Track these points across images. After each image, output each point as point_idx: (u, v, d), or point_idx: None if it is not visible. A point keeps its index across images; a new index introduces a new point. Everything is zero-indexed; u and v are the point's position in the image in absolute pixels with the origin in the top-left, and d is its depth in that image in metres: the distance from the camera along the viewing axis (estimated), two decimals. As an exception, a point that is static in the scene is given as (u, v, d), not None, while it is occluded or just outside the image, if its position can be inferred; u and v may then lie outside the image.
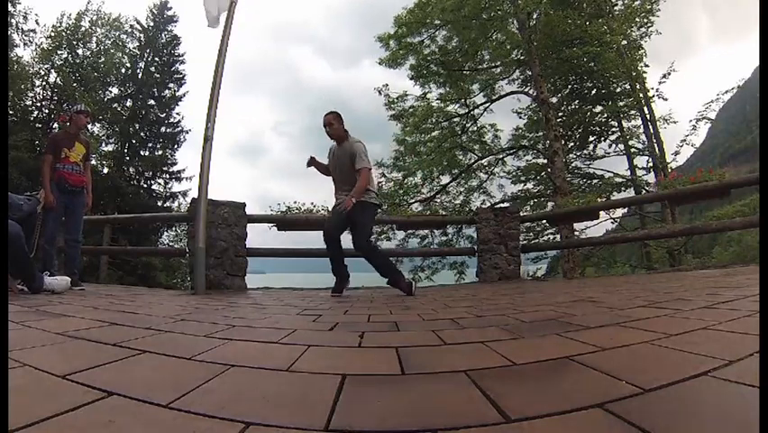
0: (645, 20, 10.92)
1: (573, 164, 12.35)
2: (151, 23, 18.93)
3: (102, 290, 3.51)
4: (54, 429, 0.55)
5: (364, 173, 3.16)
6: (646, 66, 11.41)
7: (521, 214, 5.90)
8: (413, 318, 1.73)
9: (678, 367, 0.80)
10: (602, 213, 7.27)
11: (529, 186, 12.71)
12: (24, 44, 15.37)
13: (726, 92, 10.44)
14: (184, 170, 17.73)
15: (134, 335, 1.25)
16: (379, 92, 12.38)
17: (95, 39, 17.15)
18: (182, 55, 19.08)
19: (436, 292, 3.56)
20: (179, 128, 18.25)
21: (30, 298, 2.48)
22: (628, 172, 11.70)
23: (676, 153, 10.69)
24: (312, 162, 3.47)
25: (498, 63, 12.20)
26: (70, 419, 0.58)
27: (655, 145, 11.30)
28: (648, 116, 11.47)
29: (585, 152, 12.47)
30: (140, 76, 18.05)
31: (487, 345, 1.08)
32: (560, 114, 12.34)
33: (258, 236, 4.85)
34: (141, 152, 17.74)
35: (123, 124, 17.09)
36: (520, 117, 13.04)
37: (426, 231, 10.14)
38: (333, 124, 3.25)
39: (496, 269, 4.97)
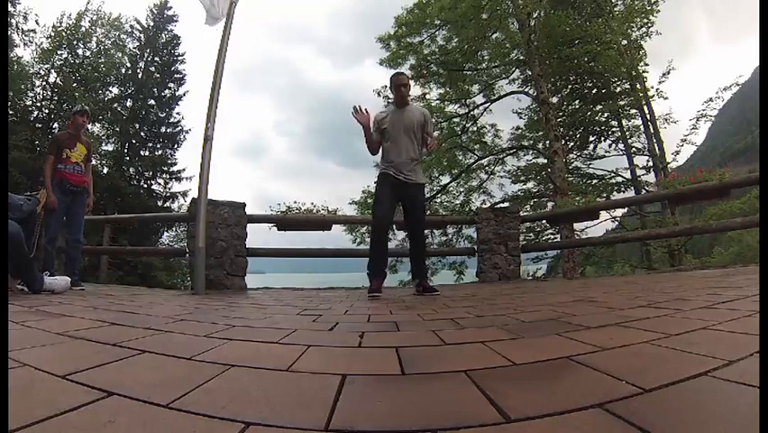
0: (645, 20, 10.92)
1: (573, 164, 12.36)
2: (151, 23, 18.94)
3: (102, 290, 3.51)
4: (54, 429, 0.55)
5: (435, 141, 3.19)
6: (646, 65, 11.43)
7: (521, 214, 5.90)
8: (413, 318, 1.73)
9: (678, 367, 0.80)
10: (602, 213, 7.28)
11: (529, 186, 12.73)
12: (24, 44, 15.38)
13: (726, 89, 10.41)
14: (184, 169, 17.78)
15: (134, 335, 1.25)
16: (378, 93, 12.39)
17: (95, 39, 17.14)
18: (182, 55, 19.11)
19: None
20: (179, 128, 18.28)
21: (30, 298, 2.48)
22: (628, 172, 11.72)
23: (676, 153, 10.70)
24: (365, 118, 3.05)
25: (498, 63, 12.21)
26: (70, 419, 0.58)
27: (655, 145, 11.31)
28: (648, 116, 11.49)
29: (585, 152, 12.49)
30: (140, 76, 18.06)
31: (487, 345, 1.08)
32: (560, 114, 12.34)
33: (258, 236, 4.85)
34: (141, 152, 17.75)
35: (123, 124, 17.10)
36: (520, 117, 13.07)
37: (426, 231, 10.15)
38: (408, 85, 3.23)
39: (496, 269, 4.97)
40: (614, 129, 12.15)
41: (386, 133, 3.09)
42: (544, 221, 9.57)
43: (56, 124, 15.53)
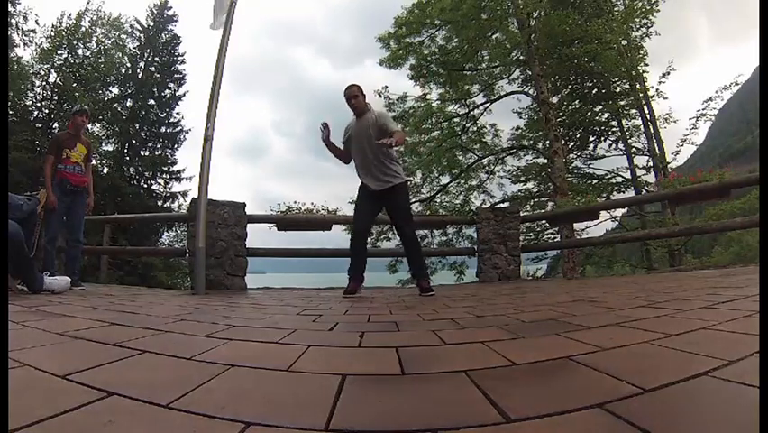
0: (645, 20, 10.92)
1: (573, 164, 12.36)
2: (151, 23, 18.95)
3: (102, 290, 3.51)
4: (54, 429, 0.55)
5: (401, 132, 3.08)
6: (646, 65, 11.43)
7: (521, 214, 5.90)
8: (413, 318, 1.73)
9: (678, 367, 0.80)
10: (602, 213, 7.28)
11: (529, 186, 12.73)
12: (24, 44, 15.38)
13: (725, 89, 10.40)
14: (184, 170, 17.78)
15: (134, 335, 1.25)
16: (379, 94, 12.38)
17: (95, 39, 17.15)
18: (182, 55, 19.13)
19: (436, 292, 3.56)
20: (179, 128, 18.29)
21: (30, 298, 2.48)
22: (628, 172, 11.72)
23: (676, 153, 10.70)
24: (328, 136, 3.16)
25: (498, 63, 12.20)
26: (70, 419, 0.58)
27: (655, 145, 11.31)
28: (648, 116, 11.49)
29: (585, 152, 12.49)
30: (140, 76, 18.07)
31: (487, 345, 1.08)
32: (560, 114, 12.34)
33: (258, 236, 4.88)
34: (141, 152, 17.76)
35: (123, 124, 17.10)
36: (520, 117, 13.07)
37: (426, 231, 10.14)
38: (359, 96, 3.13)
39: (496, 269, 4.97)
40: (614, 129, 12.15)
41: (351, 144, 3.17)
42: (543, 221, 9.57)
43: (56, 124, 15.53)
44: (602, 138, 12.19)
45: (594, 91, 12.20)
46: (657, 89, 10.95)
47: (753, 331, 1.01)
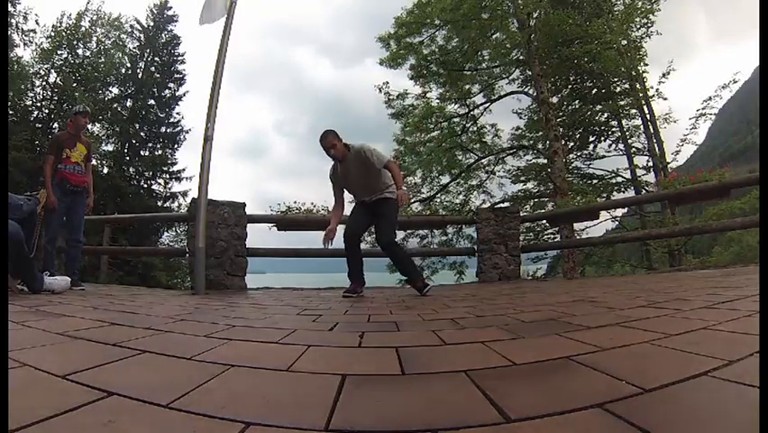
0: (645, 19, 10.91)
1: (573, 164, 12.36)
2: (151, 23, 18.95)
3: (102, 290, 3.51)
4: (54, 429, 0.55)
5: (394, 164, 3.19)
6: (646, 65, 11.42)
7: (521, 214, 5.89)
8: (413, 318, 1.73)
9: (678, 367, 0.80)
10: (602, 213, 7.28)
11: (529, 186, 12.72)
12: (24, 44, 15.38)
13: (724, 87, 10.36)
14: (184, 169, 17.77)
15: (134, 335, 1.25)
16: (380, 90, 12.39)
17: (95, 39, 17.15)
18: (182, 55, 19.12)
19: (436, 292, 3.56)
20: (179, 128, 18.28)
21: (30, 298, 2.48)
22: (628, 172, 11.71)
23: (676, 153, 10.67)
24: (331, 237, 3.18)
25: (498, 63, 12.20)
26: (70, 419, 0.58)
27: (655, 145, 11.29)
28: (648, 116, 11.47)
29: (585, 152, 12.49)
30: (140, 76, 18.06)
31: (487, 345, 1.08)
32: (560, 114, 12.34)
33: (258, 236, 4.88)
34: (141, 152, 17.75)
35: (123, 124, 17.10)
36: (520, 117, 13.06)
37: (426, 231, 10.14)
38: (336, 143, 3.08)
39: (496, 269, 4.97)
40: (614, 129, 12.14)
41: (347, 186, 3.27)
42: (544, 221, 9.56)
43: (56, 124, 15.53)
44: (602, 138, 12.19)
45: (594, 91, 12.20)
46: (657, 89, 10.95)
47: (753, 331, 1.01)
